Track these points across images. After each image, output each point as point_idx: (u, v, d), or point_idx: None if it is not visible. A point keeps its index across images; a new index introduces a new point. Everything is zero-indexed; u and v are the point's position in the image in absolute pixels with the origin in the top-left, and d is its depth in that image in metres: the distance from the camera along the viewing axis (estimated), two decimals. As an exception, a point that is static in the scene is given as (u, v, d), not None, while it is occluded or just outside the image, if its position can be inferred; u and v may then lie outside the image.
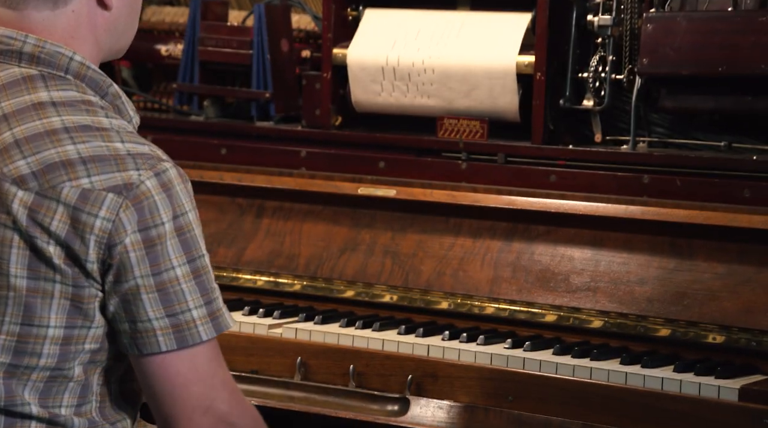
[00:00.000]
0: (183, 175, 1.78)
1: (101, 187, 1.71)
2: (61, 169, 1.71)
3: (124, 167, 1.72)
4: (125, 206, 1.71)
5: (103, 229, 1.71)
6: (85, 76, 1.81)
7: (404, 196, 2.97)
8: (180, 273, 1.73)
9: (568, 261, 2.78)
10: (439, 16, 3.11)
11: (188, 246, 1.74)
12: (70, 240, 1.71)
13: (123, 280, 1.72)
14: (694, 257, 2.67)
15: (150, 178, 1.73)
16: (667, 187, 2.78)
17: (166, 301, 1.73)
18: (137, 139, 1.77)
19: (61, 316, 1.73)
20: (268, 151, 3.20)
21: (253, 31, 3.27)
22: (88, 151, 1.72)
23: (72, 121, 1.75)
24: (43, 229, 1.71)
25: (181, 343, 1.74)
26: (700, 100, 2.83)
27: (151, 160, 1.74)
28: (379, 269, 2.94)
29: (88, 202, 1.71)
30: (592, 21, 2.96)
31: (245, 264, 3.06)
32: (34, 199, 1.71)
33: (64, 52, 1.80)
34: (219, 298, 1.79)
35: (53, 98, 1.77)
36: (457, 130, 3.04)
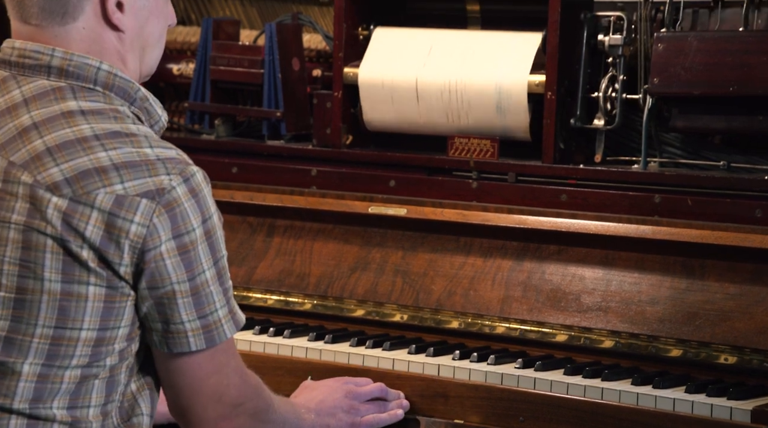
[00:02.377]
0: (206, 178, 1.82)
1: (135, 193, 1.74)
2: (95, 176, 1.73)
3: (156, 172, 1.75)
4: (158, 212, 1.74)
5: (138, 234, 1.74)
6: (113, 86, 1.82)
7: (415, 215, 2.94)
8: (209, 276, 1.79)
9: (579, 281, 2.74)
10: (450, 35, 3.08)
11: (214, 248, 1.80)
12: (105, 245, 1.73)
13: (159, 286, 1.76)
14: (706, 277, 2.62)
15: (180, 184, 1.76)
16: (679, 207, 2.74)
17: (198, 304, 1.78)
18: (164, 143, 1.80)
19: (95, 319, 1.75)
20: (279, 170, 3.17)
21: (264, 51, 3.24)
22: (120, 157, 1.75)
23: (101, 128, 1.76)
24: (78, 234, 1.73)
25: (210, 343, 1.80)
26: (712, 120, 2.79)
27: (180, 165, 1.78)
28: (389, 288, 2.90)
29: (123, 207, 1.73)
30: (603, 40, 2.92)
31: (256, 283, 3.02)
32: (68, 205, 1.73)
33: (91, 63, 1.81)
34: (230, 289, 1.85)
35: (82, 107, 1.78)
36: (467, 149, 3.01)
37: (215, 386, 1.83)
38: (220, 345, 1.81)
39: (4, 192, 1.76)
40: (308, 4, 3.49)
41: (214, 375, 1.82)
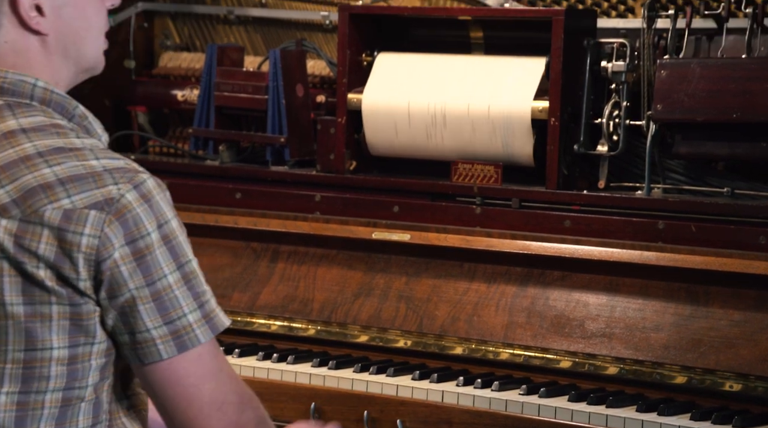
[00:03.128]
0: (161, 185, 1.75)
1: (83, 206, 1.69)
2: (41, 193, 1.69)
3: (103, 183, 1.70)
4: (109, 221, 1.69)
5: (90, 246, 1.69)
6: (50, 101, 1.78)
7: (418, 241, 2.92)
8: (172, 280, 1.72)
9: (583, 307, 2.71)
10: (453, 61, 3.06)
11: (176, 252, 1.73)
12: (60, 262, 1.69)
13: (118, 294, 1.71)
14: (711, 304, 2.60)
15: (129, 191, 1.71)
16: (683, 233, 2.72)
17: (162, 309, 1.72)
18: (111, 154, 1.75)
19: (62, 336, 1.71)
20: (282, 196, 3.16)
21: (268, 77, 3.23)
22: (65, 171, 1.70)
23: (44, 144, 1.72)
24: (32, 254, 1.69)
25: (181, 348, 1.73)
26: (715, 146, 2.77)
27: (129, 173, 1.72)
28: (393, 314, 2.88)
29: (71, 221, 1.69)
30: (606, 67, 2.91)
31: (259, 308, 3.00)
32: (18, 226, 1.69)
33: (27, 80, 1.77)
34: (211, 300, 1.77)
35: (22, 125, 1.74)
36: (471, 175, 2.99)
37: (214, 392, 1.75)
38: (201, 350, 1.74)
39: None
40: (312, 31, 3.48)
41: (210, 380, 1.75)
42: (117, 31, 3.59)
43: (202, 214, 3.13)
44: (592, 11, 3.04)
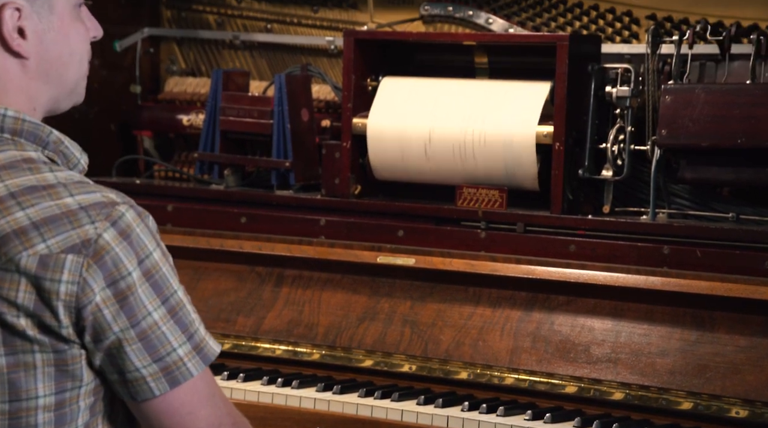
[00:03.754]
0: (141, 213, 1.68)
1: (59, 250, 1.62)
2: (15, 240, 1.62)
3: (79, 223, 1.64)
4: (87, 265, 1.63)
5: (69, 293, 1.63)
6: (22, 131, 1.71)
7: (423, 265, 2.89)
8: (158, 317, 1.67)
9: (589, 332, 2.68)
10: (458, 85, 3.04)
11: (159, 287, 1.67)
12: (39, 310, 1.63)
13: (103, 338, 1.65)
14: (716, 329, 2.56)
15: (107, 229, 1.64)
16: (688, 258, 2.68)
17: (150, 348, 1.67)
18: (86, 187, 1.67)
19: (48, 384, 1.65)
20: (287, 220, 3.13)
21: (273, 101, 3.21)
22: (39, 214, 1.63)
23: (16, 184, 1.65)
24: (11, 304, 1.63)
25: (173, 384, 1.68)
26: (720, 172, 2.75)
27: (106, 209, 1.65)
28: (398, 338, 2.85)
29: (48, 268, 1.62)
30: (611, 92, 2.89)
31: (264, 333, 2.97)
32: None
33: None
34: (200, 328, 1.71)
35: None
36: (476, 199, 2.96)
37: (210, 417, 1.71)
38: (192, 381, 1.69)
39: None
40: (317, 56, 3.46)
41: (205, 406, 1.71)
42: (123, 56, 3.57)
43: (207, 239, 3.11)
44: (596, 37, 3.02)
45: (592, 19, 3.13)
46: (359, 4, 3.42)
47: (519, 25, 3.18)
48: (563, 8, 3.16)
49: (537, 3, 3.19)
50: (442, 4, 3.28)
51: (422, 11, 3.31)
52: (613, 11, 3.11)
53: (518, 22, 3.19)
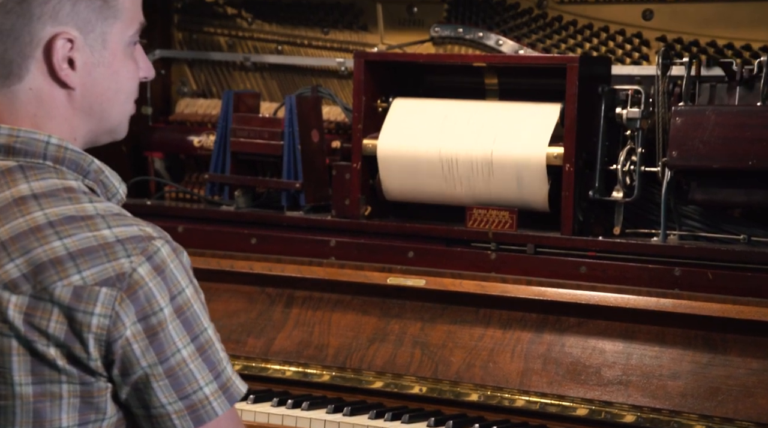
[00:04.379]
0: (176, 249, 1.66)
1: (93, 282, 1.60)
2: (51, 269, 1.60)
3: (114, 256, 1.61)
4: (120, 299, 1.61)
5: (101, 326, 1.61)
6: (64, 159, 1.69)
7: (434, 286, 2.86)
8: (186, 355, 1.64)
9: (600, 354, 2.64)
10: (468, 106, 3.01)
11: (190, 324, 1.65)
12: (70, 341, 1.60)
13: (131, 372, 1.63)
14: (728, 352, 2.53)
15: (142, 264, 1.62)
16: (699, 280, 2.65)
17: (177, 385, 1.64)
18: (124, 220, 1.65)
19: (72, 415, 1.63)
20: (298, 241, 3.10)
21: (284, 123, 3.19)
22: (76, 244, 1.61)
23: (55, 213, 1.63)
24: (41, 333, 1.60)
25: (197, 422, 1.66)
26: (731, 194, 2.71)
27: (142, 243, 1.63)
28: (408, 360, 2.81)
29: (82, 300, 1.60)
30: (621, 114, 2.86)
31: (274, 354, 2.93)
32: (29, 303, 1.60)
33: (39, 138, 1.68)
34: (227, 367, 1.69)
35: (34, 190, 1.66)
36: (486, 220, 2.93)
37: None
38: (216, 421, 1.66)
39: None
40: (328, 77, 3.44)
41: None
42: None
43: (217, 260, 3.08)
44: (606, 58, 3.00)
45: (602, 41, 3.11)
46: (370, 25, 3.40)
47: (529, 47, 3.16)
48: (573, 30, 3.14)
49: (547, 24, 3.17)
50: (452, 26, 3.26)
51: (432, 33, 3.29)
52: (623, 33, 3.08)
53: (528, 43, 3.17)
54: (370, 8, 3.38)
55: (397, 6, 3.35)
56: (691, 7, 3.00)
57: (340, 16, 3.43)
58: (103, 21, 1.70)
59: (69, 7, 1.68)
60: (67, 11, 1.68)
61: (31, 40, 1.67)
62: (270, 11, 3.52)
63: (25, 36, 1.67)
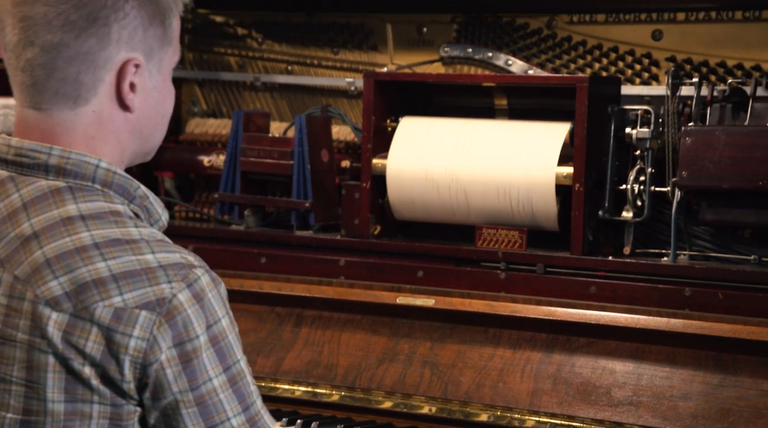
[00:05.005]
0: (215, 279, 1.67)
1: (134, 305, 1.61)
2: (94, 289, 1.61)
3: (156, 281, 1.62)
4: (159, 323, 1.61)
5: (138, 349, 1.61)
6: (112, 183, 1.70)
7: (443, 306, 2.83)
8: (217, 384, 1.64)
9: (610, 374, 2.61)
10: (477, 125, 2.99)
11: (223, 354, 1.64)
12: (105, 362, 1.61)
13: (161, 397, 1.63)
14: (739, 373, 2.50)
15: (182, 291, 1.62)
16: (710, 301, 2.62)
17: (205, 414, 1.64)
18: (167, 247, 1.67)
19: None
20: (307, 260, 3.08)
21: (294, 142, 3.17)
22: (119, 267, 1.62)
23: (101, 235, 1.64)
24: (78, 351, 1.60)
25: None
26: (742, 214, 2.69)
27: (183, 270, 1.64)
28: (417, 380, 2.78)
29: (121, 321, 1.61)
30: (631, 133, 2.84)
31: (283, 374, 2.91)
32: (69, 321, 1.61)
33: (89, 161, 1.69)
34: (257, 401, 1.69)
35: (81, 211, 1.66)
36: (495, 240, 2.91)
37: None
38: None
39: (10, 309, 1.63)
40: (337, 97, 3.42)
41: None
42: (145, 96, 3.53)
43: (227, 279, 3.02)
44: (616, 78, 2.97)
45: (611, 61, 3.09)
46: (379, 45, 3.38)
47: (538, 67, 3.14)
48: (583, 50, 3.12)
49: (556, 45, 3.15)
50: (462, 46, 3.24)
51: (442, 53, 3.27)
52: (632, 53, 3.06)
53: (537, 63, 3.15)
54: (380, 28, 3.37)
55: (407, 26, 3.34)
56: (701, 28, 2.98)
57: (350, 36, 3.42)
58: (160, 47, 1.73)
59: (141, 33, 1.70)
60: (140, 37, 1.70)
61: (105, 63, 1.68)
62: (280, 31, 3.51)
63: (100, 59, 1.68)
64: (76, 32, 1.66)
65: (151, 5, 1.70)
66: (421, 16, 3.32)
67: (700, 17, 2.97)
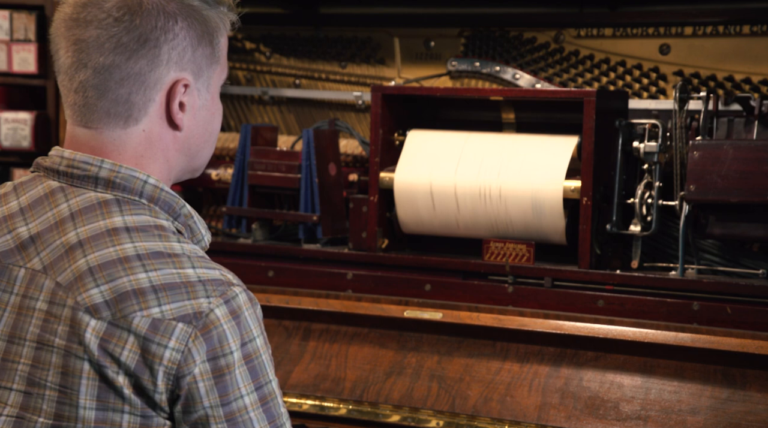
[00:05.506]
0: (252, 299, 1.68)
1: (171, 317, 1.62)
2: (133, 298, 1.62)
3: (195, 295, 1.63)
4: (194, 336, 1.62)
5: (172, 360, 1.62)
6: (158, 199, 1.72)
7: (451, 320, 2.81)
8: (248, 402, 1.64)
9: (618, 389, 2.59)
10: (485, 139, 2.98)
11: (256, 373, 1.65)
12: (140, 371, 1.61)
13: (192, 410, 1.63)
14: (748, 387, 2.48)
15: (220, 306, 1.63)
16: (718, 315, 2.60)
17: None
18: (208, 263, 1.68)
19: None
20: (315, 274, 3.06)
21: (301, 156, 3.15)
22: (160, 278, 1.64)
23: (145, 247, 1.66)
24: (114, 359, 1.62)
25: None
26: (750, 228, 2.67)
27: (222, 286, 1.65)
28: (425, 393, 2.76)
29: (158, 332, 1.62)
30: (638, 147, 2.82)
31: (291, 387, 2.89)
32: (106, 329, 1.62)
33: (138, 176, 1.72)
34: (286, 423, 1.69)
35: (127, 223, 1.68)
36: (503, 254, 2.89)
37: None
38: None
39: (50, 314, 1.66)
40: (345, 111, 3.41)
41: None
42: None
43: (234, 292, 3.04)
44: (623, 92, 2.96)
45: (619, 75, 3.07)
46: (387, 59, 3.37)
47: (546, 81, 3.13)
48: (590, 64, 3.11)
49: (564, 59, 3.14)
50: (469, 60, 3.23)
51: (449, 67, 3.26)
52: (640, 67, 3.05)
53: (545, 77, 3.14)
54: (388, 42, 3.36)
55: (415, 40, 3.33)
56: (708, 42, 2.97)
57: (358, 50, 3.41)
58: (208, 66, 1.75)
59: (191, 52, 1.72)
60: (189, 57, 1.72)
61: (155, 83, 1.71)
62: (288, 46, 3.50)
63: (152, 80, 1.70)
64: (127, 54, 1.69)
65: (200, 25, 1.72)
66: (429, 30, 3.31)
67: (708, 31, 2.96)
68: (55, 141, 3.61)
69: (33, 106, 3.71)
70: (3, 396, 1.65)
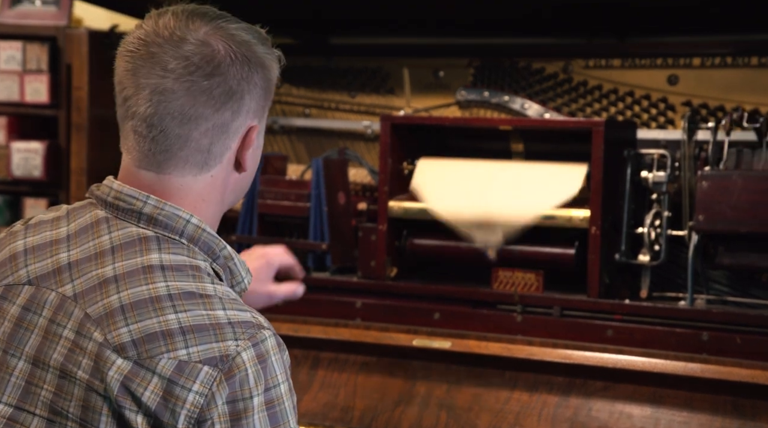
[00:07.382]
0: (281, 344, 1.64)
1: (197, 359, 1.58)
2: (161, 340, 1.59)
3: (223, 337, 1.59)
4: (219, 380, 1.58)
5: (195, 404, 1.57)
6: (199, 240, 1.69)
7: (459, 349, 2.77)
8: None
9: (627, 419, 2.55)
10: (494, 167, 2.94)
11: (276, 420, 1.60)
12: (160, 412, 1.57)
13: None
14: (758, 418, 2.43)
15: (247, 349, 1.59)
16: (728, 345, 2.56)
17: None
18: (240, 305, 1.63)
19: None
20: (324, 302, 3.03)
21: (311, 185, 3.12)
22: (189, 320, 1.60)
23: (177, 287, 1.62)
24: (134, 399, 1.58)
25: None
26: (759, 258, 2.63)
27: (251, 329, 1.60)
28: (434, 422, 2.72)
29: (182, 374, 1.57)
30: (647, 177, 2.79)
31: (300, 416, 2.85)
32: (131, 368, 1.58)
33: (181, 215, 1.68)
34: None
35: (163, 261, 1.65)
36: (512, 282, 2.85)
37: None
38: None
39: (76, 345, 1.62)
40: (354, 140, 3.39)
41: None
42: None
43: (244, 320, 3.00)
44: (632, 122, 2.93)
45: (627, 105, 3.04)
46: (396, 89, 3.35)
47: (554, 111, 3.10)
48: (599, 94, 3.08)
49: (572, 89, 3.11)
50: (478, 90, 3.20)
51: (458, 96, 3.24)
52: (648, 97, 3.02)
53: (554, 107, 3.11)
54: (397, 72, 3.33)
55: (424, 70, 3.30)
56: (717, 73, 2.94)
57: (367, 80, 3.38)
58: (266, 107, 1.74)
59: (263, 100, 1.72)
60: (261, 104, 1.72)
61: (235, 132, 1.70)
62: (298, 75, 3.47)
63: (232, 129, 1.70)
64: (216, 107, 1.67)
65: (265, 71, 1.71)
66: (438, 60, 3.28)
67: (716, 62, 2.93)
68: (66, 170, 3.58)
69: (45, 136, 3.69)
70: (26, 420, 1.63)
